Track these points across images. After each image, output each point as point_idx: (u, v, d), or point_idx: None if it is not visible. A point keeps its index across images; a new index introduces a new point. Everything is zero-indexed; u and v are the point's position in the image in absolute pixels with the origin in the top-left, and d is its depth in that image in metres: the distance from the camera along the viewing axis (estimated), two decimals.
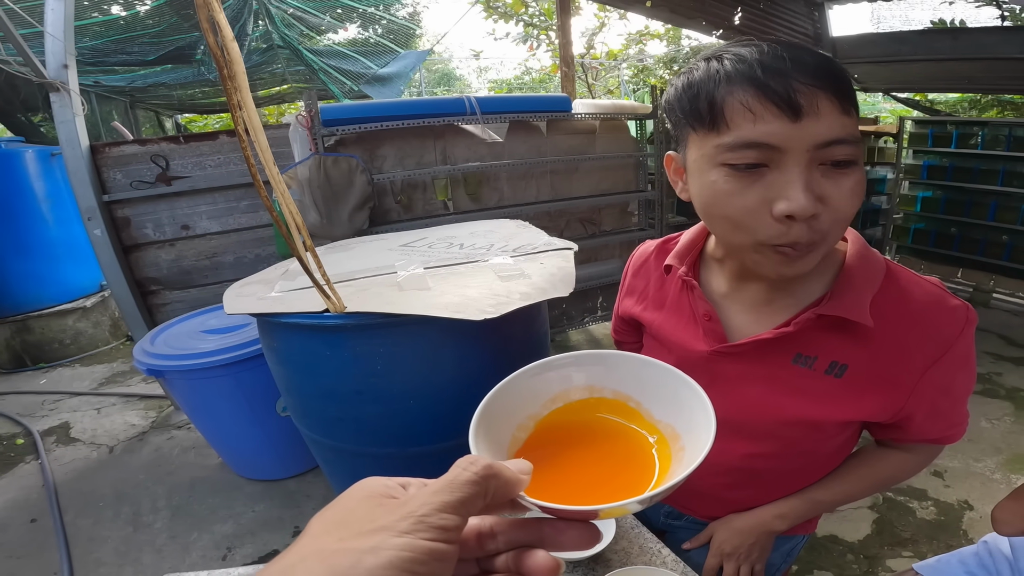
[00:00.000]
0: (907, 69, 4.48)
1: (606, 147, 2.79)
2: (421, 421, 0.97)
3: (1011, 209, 3.51)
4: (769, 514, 0.78)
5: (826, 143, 0.52)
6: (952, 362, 0.65)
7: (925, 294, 0.65)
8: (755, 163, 0.53)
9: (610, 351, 0.38)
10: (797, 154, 0.52)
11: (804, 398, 0.68)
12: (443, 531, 0.24)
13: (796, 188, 0.52)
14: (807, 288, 0.67)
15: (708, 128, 0.56)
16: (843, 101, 0.53)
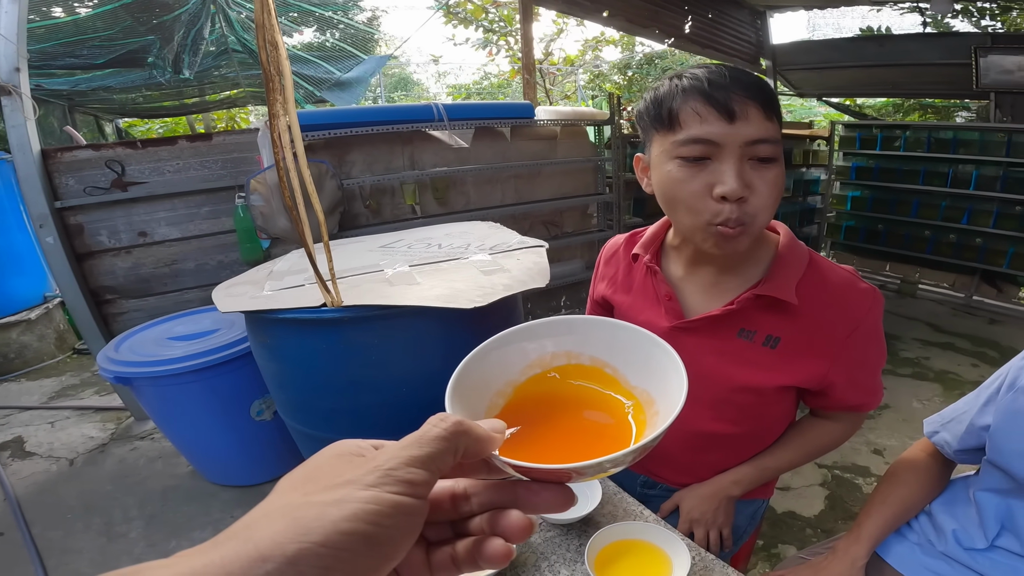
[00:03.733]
0: (839, 75, 4.88)
1: (567, 152, 2.93)
2: (413, 408, 1.02)
3: (931, 206, 3.89)
4: (727, 480, 0.91)
5: (753, 141, 0.68)
6: (864, 336, 0.81)
7: (840, 278, 0.81)
8: (700, 156, 0.70)
9: (587, 316, 0.38)
10: (732, 149, 0.68)
11: (747, 367, 0.82)
12: (410, 485, 0.23)
13: (730, 175, 0.68)
14: (748, 272, 0.82)
15: (667, 129, 0.72)
16: (767, 110, 0.69)
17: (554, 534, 0.76)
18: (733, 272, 0.83)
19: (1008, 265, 3.53)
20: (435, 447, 0.25)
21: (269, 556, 0.20)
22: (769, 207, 0.72)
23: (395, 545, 0.23)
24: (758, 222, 0.72)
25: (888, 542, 0.86)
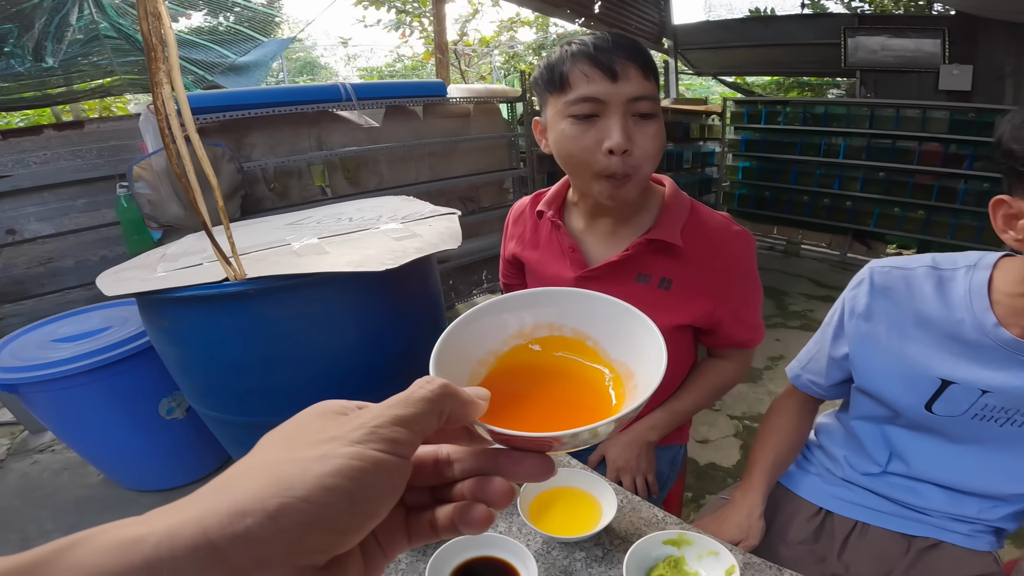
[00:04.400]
0: (731, 54, 5.28)
1: (480, 129, 2.95)
2: (333, 380, 1.02)
3: (808, 174, 4.35)
4: (644, 427, 1.00)
5: (634, 98, 0.77)
6: (741, 275, 0.93)
7: (716, 223, 0.92)
8: (589, 113, 0.78)
9: (569, 289, 0.38)
10: (616, 106, 0.76)
11: (647, 310, 0.88)
12: (394, 443, 0.23)
13: (616, 130, 0.76)
14: (640, 221, 0.91)
15: (559, 91, 0.80)
16: (645, 71, 0.78)
17: None
18: (627, 222, 0.91)
19: (875, 224, 4.03)
20: (420, 408, 0.24)
21: (249, 511, 0.20)
22: (652, 158, 0.81)
23: (377, 503, 0.22)
24: (643, 172, 0.81)
25: (794, 475, 0.94)
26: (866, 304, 0.78)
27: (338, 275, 0.93)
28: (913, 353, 0.74)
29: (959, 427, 0.75)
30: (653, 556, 0.65)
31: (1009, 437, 0.73)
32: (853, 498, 0.87)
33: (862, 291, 0.79)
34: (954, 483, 0.79)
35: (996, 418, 0.72)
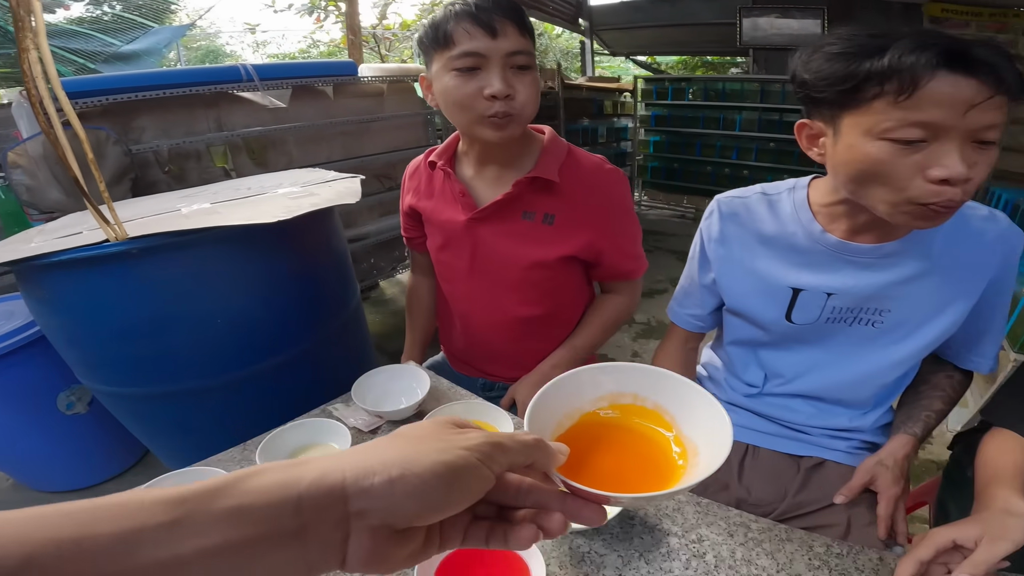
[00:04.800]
0: (642, 35, 5.51)
1: (395, 107, 2.94)
2: (232, 343, 1.02)
3: (710, 146, 4.68)
4: (547, 366, 1.08)
5: (512, 52, 0.85)
6: (617, 209, 1.02)
7: (591, 162, 1.02)
8: (471, 67, 0.85)
9: (659, 369, 0.42)
10: (496, 60, 0.85)
11: (534, 244, 0.99)
12: (489, 460, 0.29)
13: (496, 79, 0.84)
14: (523, 164, 0.99)
15: (444, 47, 0.86)
16: (521, 29, 0.87)
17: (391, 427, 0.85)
18: (512, 166, 0.99)
19: None
20: (516, 447, 0.31)
21: (378, 471, 0.27)
22: (530, 102, 0.90)
23: (462, 496, 0.29)
24: (524, 114, 0.90)
25: None
26: (719, 230, 0.86)
27: (229, 233, 0.94)
28: (764, 268, 0.82)
29: (818, 333, 0.82)
30: None
31: (860, 337, 0.80)
32: (739, 421, 0.92)
33: (714, 220, 0.87)
34: (822, 393, 0.86)
35: (845, 319, 0.79)
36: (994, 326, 0.80)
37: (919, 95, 0.57)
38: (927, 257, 0.73)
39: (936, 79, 0.56)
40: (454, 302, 1.12)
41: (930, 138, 0.59)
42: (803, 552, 0.61)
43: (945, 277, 0.74)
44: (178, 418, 1.09)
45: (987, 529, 0.57)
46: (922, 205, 0.62)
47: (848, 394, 0.85)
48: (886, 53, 0.58)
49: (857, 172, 0.65)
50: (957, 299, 0.75)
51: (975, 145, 0.60)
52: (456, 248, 1.04)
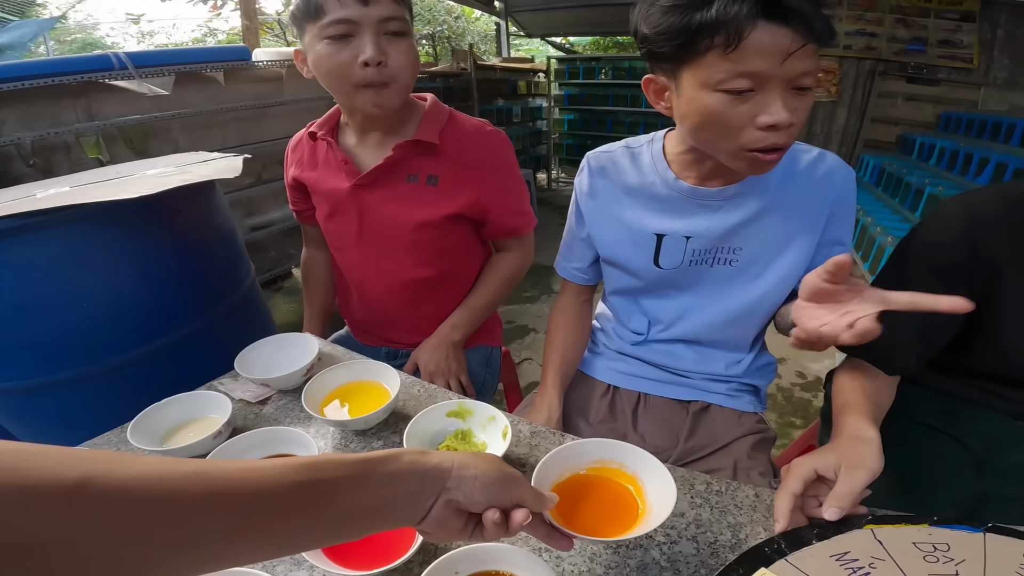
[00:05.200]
0: (556, 16, 5.58)
1: (296, 91, 2.82)
2: (108, 326, 0.95)
3: (620, 123, 4.87)
4: (447, 328, 1.08)
5: (385, 19, 0.85)
6: (500, 168, 1.04)
7: (473, 125, 1.03)
8: (343, 34, 0.84)
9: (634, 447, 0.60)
10: (368, 26, 0.84)
11: (420, 205, 1.00)
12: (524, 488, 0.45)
13: (369, 46, 0.84)
14: (405, 131, 0.99)
15: (315, 18, 0.84)
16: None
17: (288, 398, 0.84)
18: (394, 133, 0.99)
19: None
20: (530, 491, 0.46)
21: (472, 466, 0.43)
22: (406, 68, 0.89)
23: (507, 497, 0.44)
24: (401, 80, 0.89)
25: (586, 359, 1.01)
26: (588, 184, 0.89)
27: (89, 212, 0.87)
28: (630, 217, 0.86)
29: (686, 277, 0.86)
30: (439, 429, 0.71)
31: (722, 277, 0.84)
32: (629, 370, 0.96)
33: (584, 175, 0.90)
34: (699, 336, 0.90)
35: (706, 260, 0.83)
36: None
37: (744, 46, 0.60)
38: (764, 196, 0.78)
39: (757, 30, 0.59)
40: (348, 270, 1.11)
41: (756, 87, 0.63)
42: (685, 490, 0.64)
43: (784, 214, 0.79)
44: (60, 411, 1.01)
45: (842, 457, 0.58)
46: (753, 151, 0.66)
47: (721, 335, 0.89)
48: (712, 4, 0.60)
49: (698, 123, 0.69)
50: (799, 234, 0.79)
51: (794, 92, 0.64)
52: (343, 215, 1.03)
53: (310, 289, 1.23)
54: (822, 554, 0.50)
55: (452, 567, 0.50)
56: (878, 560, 0.49)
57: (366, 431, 0.74)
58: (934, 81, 3.95)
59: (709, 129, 0.68)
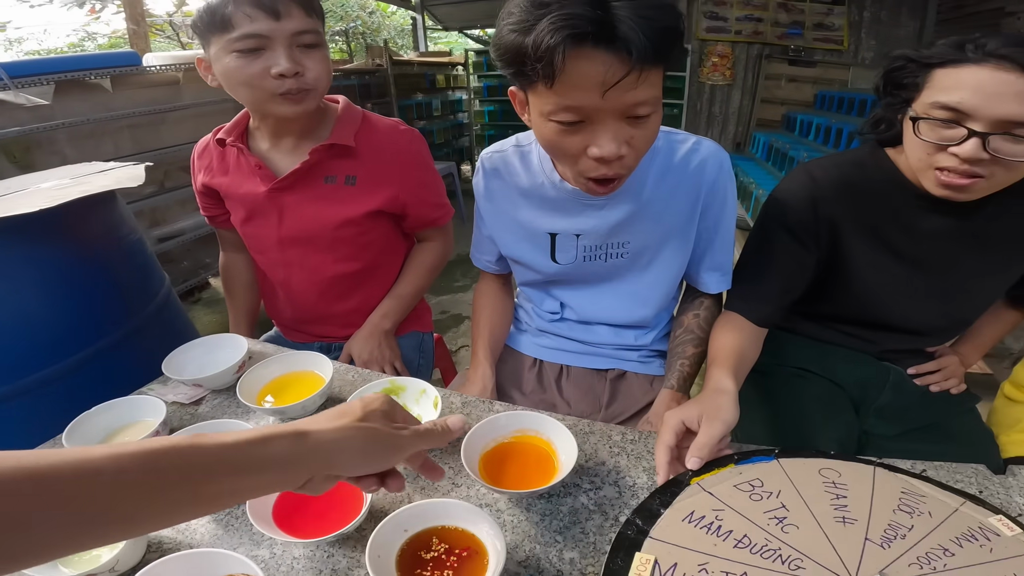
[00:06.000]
0: (472, 9, 5.58)
1: (196, 95, 2.67)
2: (15, 344, 0.90)
3: None
4: (376, 317, 1.11)
5: (298, 32, 0.86)
6: (415, 164, 1.07)
7: (386, 125, 1.07)
8: (254, 48, 0.85)
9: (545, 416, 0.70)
10: (280, 40, 0.85)
11: (340, 204, 1.03)
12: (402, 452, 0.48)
13: (283, 58, 0.85)
14: (319, 134, 1.01)
15: (222, 31, 0.84)
16: (308, 10, 0.88)
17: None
18: (308, 136, 1.00)
19: None
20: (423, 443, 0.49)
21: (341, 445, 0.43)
22: (321, 78, 0.91)
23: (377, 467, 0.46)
24: (318, 88, 0.92)
25: (513, 335, 1.06)
26: (484, 186, 0.91)
27: None
28: (525, 217, 0.88)
29: (584, 271, 0.89)
30: None
31: (619, 269, 0.89)
32: (551, 344, 1.01)
33: (479, 177, 0.92)
34: (609, 319, 0.95)
35: (598, 256, 0.87)
36: (714, 246, 0.87)
37: (562, 79, 0.57)
38: (643, 192, 0.81)
39: (572, 60, 0.55)
40: (271, 271, 1.11)
41: (586, 119, 0.61)
42: (604, 441, 0.71)
43: (662, 207, 0.83)
44: None
45: (703, 409, 0.62)
46: (590, 179, 0.68)
47: (629, 317, 0.94)
48: (531, 33, 0.55)
49: (544, 145, 0.71)
50: (678, 223, 0.84)
51: (631, 120, 0.62)
52: (261, 219, 1.04)
53: (233, 292, 1.22)
54: (674, 519, 0.55)
55: (400, 527, 0.54)
56: (718, 511, 0.56)
57: (304, 415, 0.77)
58: (811, 63, 4.38)
59: (553, 154, 0.72)
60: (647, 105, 0.61)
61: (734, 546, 0.51)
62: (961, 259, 0.81)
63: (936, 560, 0.49)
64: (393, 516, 0.54)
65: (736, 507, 0.56)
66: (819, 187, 0.82)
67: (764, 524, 0.54)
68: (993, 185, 0.69)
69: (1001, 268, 0.83)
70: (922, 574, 0.48)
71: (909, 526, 0.53)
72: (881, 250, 0.83)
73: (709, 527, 0.54)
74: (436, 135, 4.81)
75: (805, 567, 0.49)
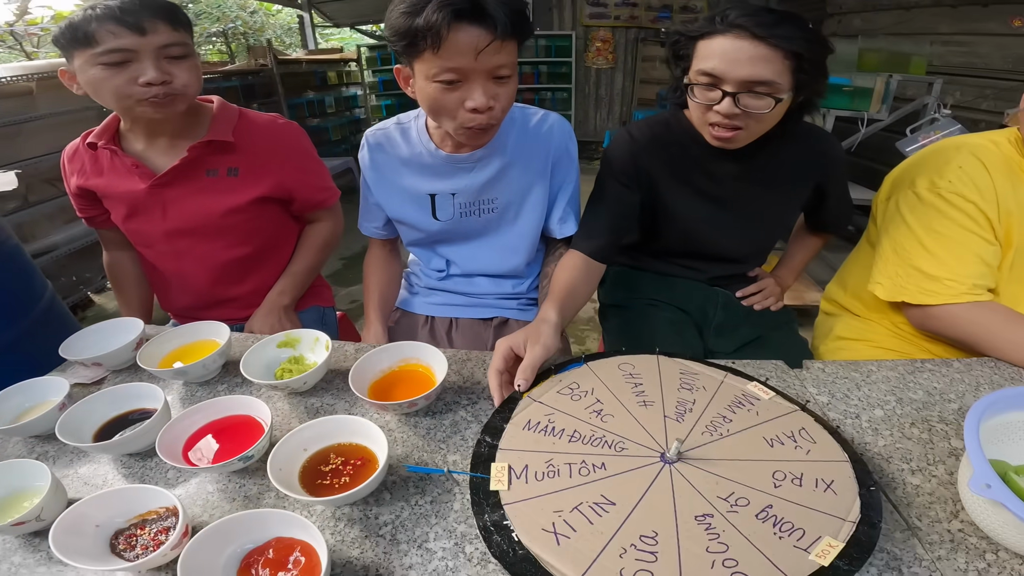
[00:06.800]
0: (362, 4, 5.46)
1: (54, 104, 2.49)
2: None
3: None
4: (274, 294, 1.17)
5: (164, 45, 0.91)
6: (297, 153, 1.14)
7: (265, 119, 1.12)
8: (120, 60, 0.89)
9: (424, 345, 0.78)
10: (147, 53, 0.90)
11: (224, 194, 1.08)
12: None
13: (150, 69, 0.90)
14: (196, 132, 1.05)
15: (84, 46, 0.88)
16: (174, 23, 0.93)
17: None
18: (184, 135, 1.04)
19: None
20: None
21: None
22: (191, 84, 0.97)
23: None
24: (188, 93, 0.97)
25: (404, 298, 1.16)
26: (370, 159, 1.02)
27: None
28: (407, 183, 1.00)
29: (462, 227, 1.01)
30: (273, 358, 0.81)
31: (491, 224, 1.01)
32: (440, 300, 1.12)
33: (365, 151, 1.02)
34: (487, 269, 1.07)
35: (473, 212, 0.99)
36: (565, 198, 1.01)
37: (446, 46, 0.73)
38: (505, 154, 0.95)
39: (453, 32, 0.72)
40: (161, 263, 1.13)
41: (462, 78, 0.77)
42: (479, 366, 0.82)
43: (522, 166, 0.96)
44: None
45: (528, 336, 0.73)
46: (467, 128, 0.82)
47: (504, 266, 1.06)
48: (422, 13, 0.71)
49: (428, 106, 0.82)
50: (536, 179, 0.98)
51: (495, 80, 0.78)
52: (144, 214, 1.06)
53: (123, 288, 1.22)
54: (516, 430, 0.64)
55: (300, 446, 0.62)
56: (549, 415, 0.66)
57: (209, 380, 0.82)
58: None
59: (435, 111, 0.83)
60: (507, 68, 0.78)
61: (568, 441, 0.62)
62: (752, 195, 1.01)
63: (720, 427, 0.64)
64: (292, 434, 0.61)
65: (563, 409, 0.68)
66: (636, 143, 1.00)
67: (587, 419, 0.66)
68: (752, 134, 0.88)
69: (784, 199, 1.05)
70: (712, 440, 0.62)
71: (692, 400, 0.69)
72: (690, 192, 1.02)
73: (545, 430, 0.64)
74: (332, 132, 4.71)
75: (627, 447, 0.62)
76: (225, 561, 0.51)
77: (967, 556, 0.52)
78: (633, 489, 0.56)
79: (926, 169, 0.92)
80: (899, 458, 0.64)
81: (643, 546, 0.49)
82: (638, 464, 0.60)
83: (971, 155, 0.88)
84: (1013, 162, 0.87)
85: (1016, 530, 0.49)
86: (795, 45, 0.78)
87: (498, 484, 0.58)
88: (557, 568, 0.48)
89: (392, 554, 0.54)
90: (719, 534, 0.50)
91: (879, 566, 0.51)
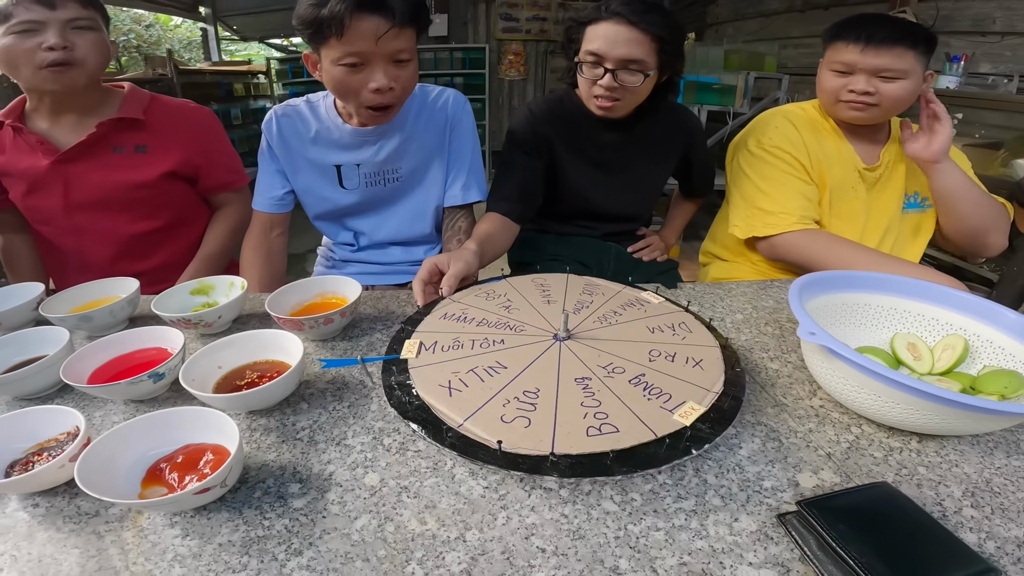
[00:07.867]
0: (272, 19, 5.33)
1: None
2: None
3: None
4: (186, 277, 1.15)
5: (72, 19, 0.96)
6: (207, 134, 1.17)
7: (179, 103, 1.16)
8: (28, 29, 0.94)
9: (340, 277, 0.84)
10: (53, 24, 0.95)
11: (131, 170, 1.09)
12: None
13: (52, 36, 0.96)
14: (104, 111, 1.08)
15: (3, 22, 0.94)
16: (84, 2, 0.98)
17: None
18: (91, 114, 1.06)
19: None
20: None
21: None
22: (90, 54, 1.00)
23: None
24: (87, 64, 1.00)
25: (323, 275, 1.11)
26: (278, 130, 1.05)
27: None
28: (314, 155, 1.05)
29: (370, 196, 1.07)
30: (186, 304, 0.82)
31: (396, 191, 1.08)
32: (355, 271, 1.17)
33: (272, 124, 1.06)
34: (397, 237, 1.13)
35: (378, 181, 1.06)
36: (464, 166, 1.09)
37: (348, 33, 0.81)
38: (405, 128, 1.03)
39: (354, 20, 0.79)
40: (60, 240, 1.12)
41: (365, 62, 0.85)
42: (394, 301, 0.93)
43: (421, 139, 1.04)
44: None
45: (451, 257, 0.84)
46: (369, 108, 0.89)
47: (413, 232, 1.13)
48: (327, 5, 0.79)
49: (334, 88, 0.89)
50: (435, 150, 1.07)
51: (396, 64, 0.87)
52: (45, 190, 1.06)
53: (17, 272, 1.18)
54: (433, 319, 0.75)
55: (215, 363, 0.63)
56: (464, 308, 0.76)
57: (114, 325, 0.80)
58: None
59: (341, 92, 0.90)
60: (406, 52, 0.87)
61: (476, 325, 0.73)
62: (631, 162, 1.18)
63: (611, 318, 0.75)
64: (206, 350, 0.63)
65: (477, 305, 0.79)
66: (535, 117, 1.14)
67: (496, 310, 0.77)
68: (627, 105, 1.04)
69: (657, 165, 1.23)
70: (602, 327, 0.73)
71: (591, 300, 0.81)
72: (582, 160, 1.17)
73: (458, 318, 0.74)
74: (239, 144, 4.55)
75: (525, 329, 0.72)
76: (128, 471, 0.48)
77: (835, 429, 0.59)
78: (524, 358, 0.65)
79: (754, 132, 1.16)
80: (759, 349, 0.76)
81: (525, 399, 0.57)
82: (532, 340, 0.69)
83: (784, 118, 1.13)
84: (817, 123, 1.13)
85: (843, 375, 0.57)
86: (660, 29, 0.95)
87: (408, 354, 0.65)
88: (445, 414, 0.56)
89: (310, 453, 0.56)
90: (594, 392, 0.59)
91: (761, 437, 0.58)
